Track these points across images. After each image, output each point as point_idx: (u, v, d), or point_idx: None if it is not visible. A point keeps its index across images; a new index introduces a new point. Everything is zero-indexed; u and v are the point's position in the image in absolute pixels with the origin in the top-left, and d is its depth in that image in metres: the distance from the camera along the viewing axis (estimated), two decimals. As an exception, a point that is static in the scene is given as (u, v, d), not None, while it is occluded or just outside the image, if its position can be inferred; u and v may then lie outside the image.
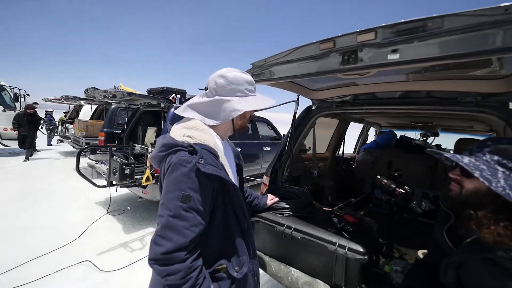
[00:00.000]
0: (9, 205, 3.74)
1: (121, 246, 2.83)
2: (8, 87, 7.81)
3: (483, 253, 0.68)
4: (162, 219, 0.74)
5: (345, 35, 1.05)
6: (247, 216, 0.94)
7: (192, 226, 0.74)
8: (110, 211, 3.77)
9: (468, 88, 1.44)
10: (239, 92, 0.89)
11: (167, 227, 0.73)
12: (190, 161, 0.75)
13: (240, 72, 0.92)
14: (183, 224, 0.73)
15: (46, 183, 5.07)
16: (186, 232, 0.73)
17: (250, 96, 0.92)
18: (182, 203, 0.74)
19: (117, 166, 2.85)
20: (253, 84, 0.94)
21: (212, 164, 0.78)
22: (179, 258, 0.72)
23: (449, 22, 0.80)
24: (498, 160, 0.68)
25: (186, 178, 0.75)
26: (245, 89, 0.90)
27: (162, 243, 0.72)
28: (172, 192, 0.75)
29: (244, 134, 4.99)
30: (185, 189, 0.74)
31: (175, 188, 0.75)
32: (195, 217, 0.75)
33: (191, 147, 0.77)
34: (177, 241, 0.72)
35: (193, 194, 0.75)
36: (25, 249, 2.60)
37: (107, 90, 3.69)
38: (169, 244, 0.71)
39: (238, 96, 0.89)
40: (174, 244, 0.71)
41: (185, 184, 0.75)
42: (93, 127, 6.98)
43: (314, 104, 2.28)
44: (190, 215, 0.75)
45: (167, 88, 4.30)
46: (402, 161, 3.13)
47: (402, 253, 1.73)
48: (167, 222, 0.73)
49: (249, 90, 0.92)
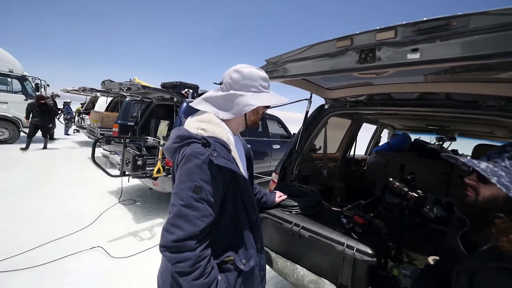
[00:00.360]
0: (27, 192, 3.92)
1: (131, 235, 2.92)
2: (30, 77, 8.15)
3: (499, 262, 0.66)
4: (174, 208, 0.77)
5: (363, 33, 1.02)
6: (256, 210, 0.95)
7: (203, 217, 0.76)
8: (121, 200, 3.89)
9: (491, 91, 1.37)
10: (253, 88, 0.90)
11: (179, 216, 0.75)
12: (204, 153, 0.77)
13: (255, 68, 0.92)
14: (194, 214, 0.75)
15: (62, 171, 5.28)
16: (196, 222, 0.75)
17: (264, 92, 0.93)
18: (194, 193, 0.76)
19: (130, 157, 2.94)
20: (267, 81, 0.95)
21: (224, 157, 0.80)
22: (189, 246, 0.74)
23: (475, 21, 0.76)
24: None
25: (199, 169, 0.76)
26: (259, 85, 0.91)
27: (174, 231, 0.74)
28: (185, 183, 0.77)
29: (254, 131, 5.00)
30: (198, 180, 0.76)
31: (188, 179, 0.77)
32: (206, 208, 0.77)
33: (205, 139, 0.79)
34: (188, 230, 0.74)
35: (205, 185, 0.77)
36: (41, 232, 2.73)
37: (122, 83, 3.78)
38: (180, 233, 0.74)
39: (252, 91, 0.90)
40: (185, 233, 0.74)
41: (197, 175, 0.76)
42: (108, 119, 7.19)
43: (327, 103, 2.25)
44: (201, 205, 0.76)
45: (180, 83, 4.36)
46: (415, 165, 3.05)
47: (412, 258, 1.70)
48: (179, 211, 0.76)
49: (263, 86, 0.93)
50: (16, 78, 7.77)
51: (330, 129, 2.62)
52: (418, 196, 1.41)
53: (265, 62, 1.55)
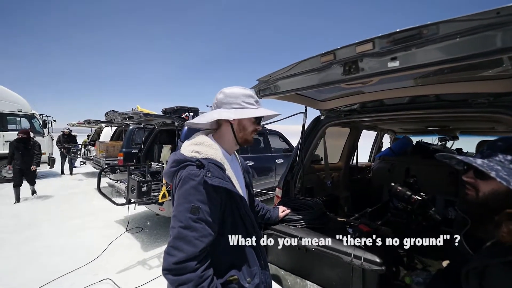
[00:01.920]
0: (35, 227, 3.94)
1: (140, 264, 2.88)
2: (38, 115, 8.48)
3: (504, 257, 0.65)
4: (174, 230, 0.79)
5: (344, 47, 1.08)
6: (256, 226, 0.95)
7: (202, 237, 0.78)
8: (129, 229, 3.86)
9: (479, 89, 1.40)
10: (235, 104, 0.92)
11: (178, 238, 0.77)
12: (198, 175, 0.80)
13: (239, 88, 0.96)
14: (193, 235, 0.77)
15: (69, 204, 5.32)
16: (196, 242, 0.76)
17: (247, 108, 0.94)
18: (192, 214, 0.78)
19: (135, 184, 2.97)
20: (253, 97, 0.96)
21: (218, 177, 0.82)
22: (190, 267, 0.75)
23: (444, 28, 0.81)
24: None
25: (195, 190, 0.79)
26: (242, 102, 0.93)
27: (174, 253, 0.75)
28: (182, 205, 0.79)
29: (256, 148, 5.03)
30: (194, 201, 0.78)
31: (185, 200, 0.79)
32: (205, 228, 0.79)
33: (199, 161, 0.82)
34: (188, 251, 0.75)
35: (201, 205, 0.79)
36: (49, 269, 2.71)
37: (125, 113, 3.92)
38: (180, 254, 0.75)
39: (234, 108, 0.92)
40: (185, 254, 0.75)
41: (194, 197, 0.79)
42: (113, 148, 7.34)
43: (322, 114, 2.30)
44: (200, 225, 0.78)
45: (181, 107, 4.49)
46: (420, 168, 3.01)
47: (426, 265, 1.63)
48: (178, 233, 0.77)
49: (246, 102, 0.93)
50: (25, 117, 8.10)
51: (330, 139, 2.65)
52: (422, 199, 1.39)
53: (257, 82, 1.62)
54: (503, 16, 0.69)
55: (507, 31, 0.73)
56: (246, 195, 1.06)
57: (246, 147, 4.72)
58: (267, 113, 0.97)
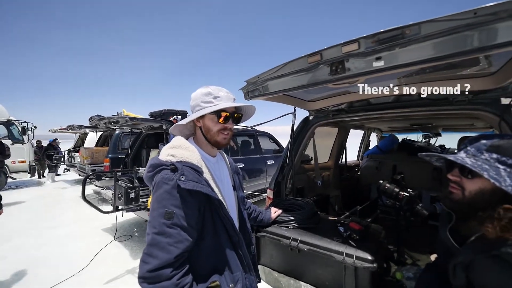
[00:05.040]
0: (17, 238, 3.74)
1: (129, 273, 2.78)
2: (17, 121, 8.08)
3: (488, 251, 0.67)
4: (148, 236, 0.76)
5: (331, 47, 1.10)
6: (236, 229, 0.93)
7: (177, 243, 0.74)
8: (117, 237, 3.73)
9: (459, 88, 1.46)
10: (197, 107, 0.92)
11: (152, 245, 0.74)
12: (172, 179, 0.77)
13: (200, 88, 0.94)
14: (167, 241, 0.74)
15: (53, 213, 5.08)
16: (170, 248, 0.73)
17: (207, 108, 0.90)
18: (166, 219, 0.75)
19: (122, 191, 2.88)
20: (211, 94, 0.91)
21: (193, 180, 0.79)
22: (165, 275, 0.71)
23: (426, 28, 0.84)
24: (497, 158, 0.67)
25: (168, 195, 0.76)
26: (201, 102, 0.91)
27: (148, 261, 0.72)
28: (156, 210, 0.76)
29: (246, 149, 5.02)
30: (168, 206, 0.76)
31: (159, 205, 0.76)
32: (180, 233, 0.76)
33: (173, 165, 0.80)
34: (162, 258, 0.72)
35: (176, 210, 0.76)
36: (35, 281, 2.58)
37: (110, 117, 3.80)
38: (154, 261, 0.71)
39: (197, 110, 0.91)
40: (159, 261, 0.71)
41: (168, 201, 0.76)
42: (98, 154, 7.09)
43: (311, 115, 2.32)
44: (174, 231, 0.75)
45: (168, 110, 4.41)
46: (407, 165, 3.10)
47: (415, 259, 1.68)
48: (152, 239, 0.74)
49: (205, 101, 0.90)
50: (2, 124, 7.69)
51: (319, 138, 2.67)
52: (409, 195, 1.43)
53: (245, 83, 1.62)
54: (480, 17, 0.72)
55: (483, 31, 0.76)
56: (234, 197, 1.04)
57: (236, 149, 4.70)
58: (226, 105, 0.89)
